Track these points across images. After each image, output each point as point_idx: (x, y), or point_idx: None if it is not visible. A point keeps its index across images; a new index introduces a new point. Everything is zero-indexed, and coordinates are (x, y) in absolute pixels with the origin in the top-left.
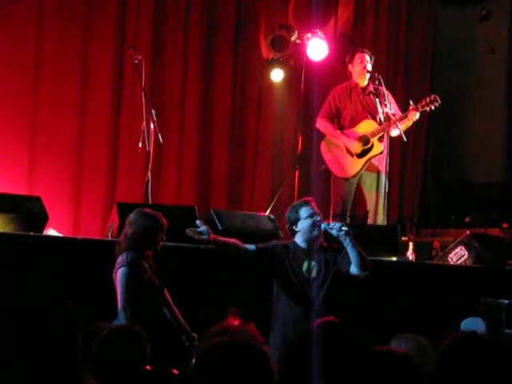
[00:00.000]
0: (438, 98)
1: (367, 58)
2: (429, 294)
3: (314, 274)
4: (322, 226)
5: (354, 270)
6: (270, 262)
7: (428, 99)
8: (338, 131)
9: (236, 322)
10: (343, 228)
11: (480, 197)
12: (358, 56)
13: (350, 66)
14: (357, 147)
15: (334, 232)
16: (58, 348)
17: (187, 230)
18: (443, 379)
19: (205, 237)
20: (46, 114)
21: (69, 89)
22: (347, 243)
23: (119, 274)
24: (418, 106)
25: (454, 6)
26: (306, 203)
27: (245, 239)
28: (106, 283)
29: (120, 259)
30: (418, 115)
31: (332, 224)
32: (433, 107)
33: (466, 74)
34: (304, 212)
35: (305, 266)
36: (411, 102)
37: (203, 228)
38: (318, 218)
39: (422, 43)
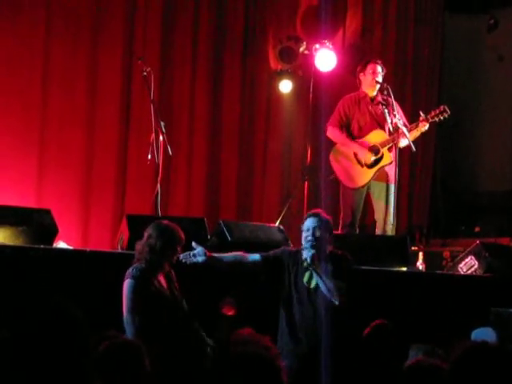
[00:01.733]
0: (447, 109)
1: (379, 69)
2: (439, 305)
3: (313, 284)
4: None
5: None
6: (276, 269)
7: (438, 110)
8: (350, 140)
9: (230, 313)
10: (307, 260)
11: (489, 206)
12: (370, 66)
13: (361, 74)
14: (368, 157)
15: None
16: (67, 358)
17: (181, 256)
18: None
19: (200, 259)
20: (55, 127)
21: (77, 101)
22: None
23: (124, 286)
24: (428, 116)
25: (463, 16)
26: (310, 216)
27: (254, 251)
28: (116, 295)
29: (128, 271)
30: (427, 126)
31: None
32: (442, 118)
33: (474, 82)
34: (304, 224)
35: (306, 276)
36: (421, 113)
37: (199, 249)
38: (309, 237)
39: (431, 52)
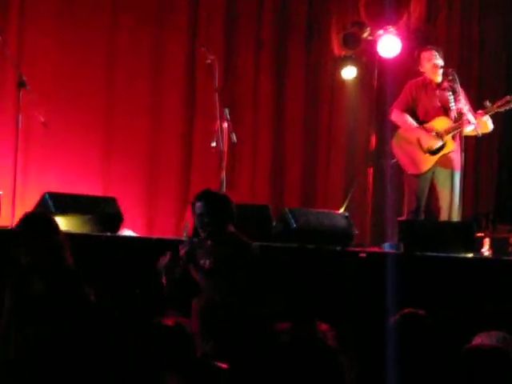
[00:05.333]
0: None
1: (434, 53)
2: (506, 291)
3: (206, 266)
4: None
5: None
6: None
7: (504, 100)
8: (415, 124)
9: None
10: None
11: None
12: (423, 55)
13: (419, 66)
14: (433, 144)
15: None
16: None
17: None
18: None
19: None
20: (120, 115)
21: (142, 88)
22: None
23: None
24: (494, 106)
25: None
26: (196, 200)
27: (319, 238)
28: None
29: None
30: (491, 114)
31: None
32: (508, 108)
33: None
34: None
35: (204, 259)
36: (487, 102)
37: None
38: (198, 224)
39: (497, 39)
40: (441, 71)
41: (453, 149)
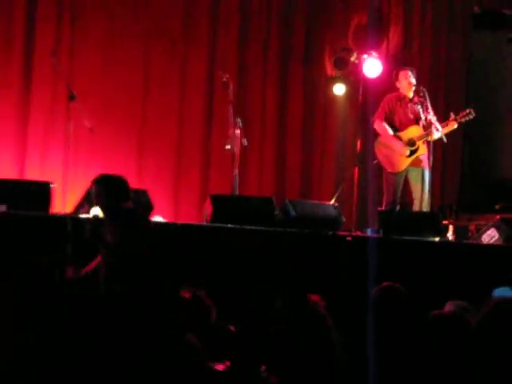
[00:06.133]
0: (472, 112)
1: (409, 73)
2: (466, 269)
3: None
4: None
5: None
6: None
7: (464, 112)
8: (391, 135)
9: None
10: None
11: (509, 189)
12: (400, 74)
13: (397, 83)
14: (404, 151)
15: None
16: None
17: None
18: (489, 332)
19: None
20: (152, 120)
21: (170, 99)
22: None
23: None
24: (457, 117)
25: (487, 31)
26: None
27: (314, 224)
28: (203, 260)
29: None
30: (456, 125)
31: None
32: (468, 119)
33: (497, 85)
34: None
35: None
36: (452, 114)
37: None
38: None
39: (460, 60)
40: (413, 88)
41: (424, 152)
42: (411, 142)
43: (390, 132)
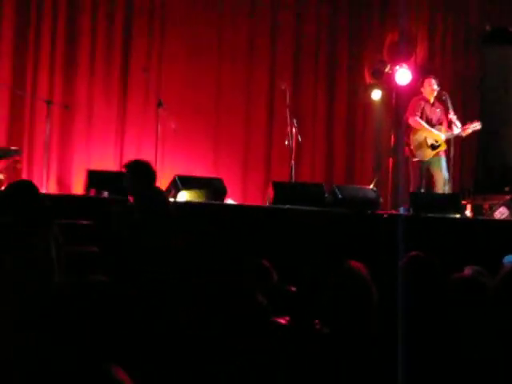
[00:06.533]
0: (479, 124)
1: (433, 81)
2: (481, 240)
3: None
4: None
5: None
6: None
7: (472, 124)
8: (427, 126)
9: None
10: None
11: None
12: (426, 81)
13: (421, 88)
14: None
15: None
16: None
17: None
18: (505, 295)
19: None
20: (224, 120)
21: (239, 103)
22: None
23: None
24: (465, 127)
25: (498, 47)
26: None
27: (357, 205)
28: (264, 235)
29: None
30: (469, 130)
31: None
32: (475, 129)
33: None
34: None
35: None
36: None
37: None
38: None
39: (476, 72)
40: (435, 93)
41: (445, 148)
42: (438, 140)
43: (425, 125)
